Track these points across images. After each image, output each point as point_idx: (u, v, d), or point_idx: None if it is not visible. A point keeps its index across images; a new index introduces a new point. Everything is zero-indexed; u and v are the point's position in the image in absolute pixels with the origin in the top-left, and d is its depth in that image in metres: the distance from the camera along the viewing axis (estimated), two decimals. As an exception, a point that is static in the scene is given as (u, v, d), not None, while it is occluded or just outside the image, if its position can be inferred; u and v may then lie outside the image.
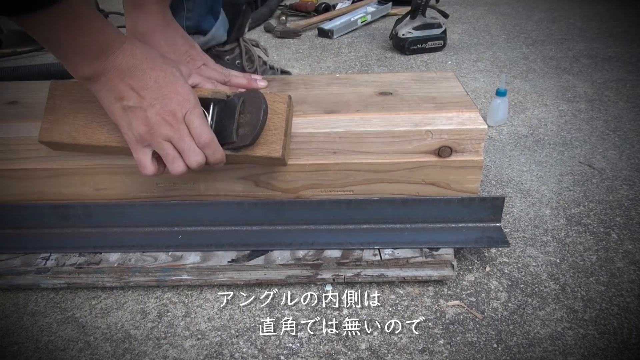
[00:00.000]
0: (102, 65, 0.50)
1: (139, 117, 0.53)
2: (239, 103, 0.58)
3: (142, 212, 0.67)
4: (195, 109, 0.55)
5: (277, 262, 0.63)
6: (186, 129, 0.54)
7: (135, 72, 0.52)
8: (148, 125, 0.53)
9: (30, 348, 0.59)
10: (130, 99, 0.52)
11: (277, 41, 1.68)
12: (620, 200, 0.81)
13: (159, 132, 0.53)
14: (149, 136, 0.54)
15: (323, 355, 0.57)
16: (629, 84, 1.23)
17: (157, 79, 0.53)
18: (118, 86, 0.52)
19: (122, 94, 0.52)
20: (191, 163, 0.55)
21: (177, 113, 0.53)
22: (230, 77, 0.69)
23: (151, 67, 0.53)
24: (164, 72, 0.53)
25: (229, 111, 0.58)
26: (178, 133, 0.54)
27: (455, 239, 0.65)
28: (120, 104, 0.53)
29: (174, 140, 0.54)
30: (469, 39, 1.62)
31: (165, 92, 0.53)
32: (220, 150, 0.57)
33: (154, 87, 0.53)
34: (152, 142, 0.54)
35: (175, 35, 0.67)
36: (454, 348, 0.57)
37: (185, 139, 0.54)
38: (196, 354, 0.57)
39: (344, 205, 0.66)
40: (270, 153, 0.58)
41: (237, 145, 0.57)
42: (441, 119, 0.63)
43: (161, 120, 0.53)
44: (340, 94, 0.70)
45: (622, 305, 0.62)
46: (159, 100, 0.53)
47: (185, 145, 0.54)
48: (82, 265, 0.64)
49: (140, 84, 0.52)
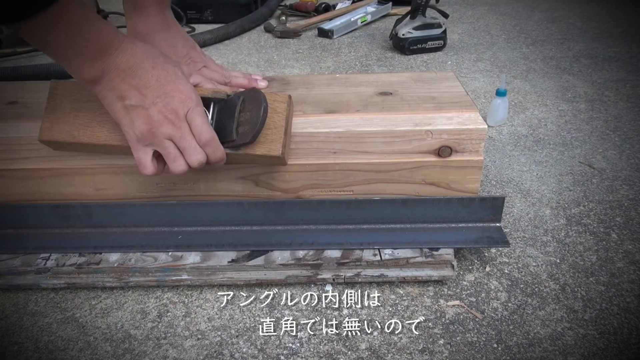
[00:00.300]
0: (102, 66, 0.50)
1: (141, 116, 0.53)
2: (239, 102, 0.58)
3: (142, 212, 0.67)
4: (197, 107, 0.55)
5: (277, 262, 0.63)
6: (188, 127, 0.54)
7: (137, 71, 0.52)
8: (150, 123, 0.53)
9: (30, 348, 0.59)
10: (132, 98, 0.52)
11: (277, 41, 1.68)
12: (620, 200, 0.81)
13: (161, 131, 0.53)
14: (150, 135, 0.54)
15: (323, 355, 0.57)
16: (629, 84, 1.23)
17: (159, 78, 0.53)
18: (119, 85, 0.52)
19: (123, 93, 0.52)
20: (192, 162, 0.55)
21: (179, 111, 0.53)
22: (230, 78, 0.69)
23: (152, 66, 0.53)
24: (165, 71, 0.53)
25: (229, 110, 0.58)
26: (180, 131, 0.54)
27: (455, 239, 0.65)
28: (122, 103, 0.53)
29: (175, 138, 0.54)
30: (469, 39, 1.62)
31: (167, 90, 0.53)
32: (221, 148, 0.57)
33: (155, 85, 0.53)
34: (153, 140, 0.54)
35: (175, 36, 0.67)
36: (454, 348, 0.57)
37: (187, 137, 0.54)
38: (196, 354, 0.57)
39: (344, 205, 0.66)
40: (270, 151, 0.58)
41: (237, 143, 0.57)
42: (441, 119, 0.63)
43: (163, 119, 0.53)
44: (340, 94, 0.70)
45: (622, 305, 0.62)
46: (161, 99, 0.53)
47: (187, 143, 0.54)
48: (82, 265, 0.64)
49: (141, 83, 0.52)
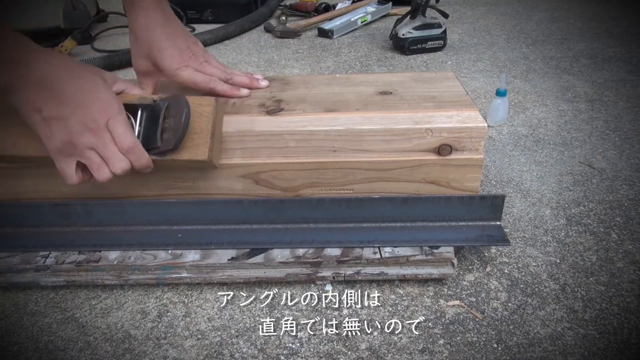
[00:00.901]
0: (15, 78, 0.50)
1: (60, 127, 0.52)
2: (163, 108, 0.58)
3: (141, 210, 0.67)
4: (117, 115, 0.54)
5: (277, 260, 0.63)
6: (109, 136, 0.54)
7: (52, 81, 0.51)
8: (70, 134, 0.52)
9: (30, 348, 0.59)
10: (49, 109, 0.51)
11: (277, 41, 1.68)
12: (620, 200, 0.81)
13: (82, 141, 0.53)
14: (71, 146, 0.53)
15: (323, 355, 0.57)
16: (629, 84, 1.23)
17: (77, 87, 0.52)
18: (34, 97, 0.51)
19: (39, 105, 0.51)
20: (116, 170, 0.55)
21: (99, 120, 0.53)
22: (232, 76, 0.69)
23: (69, 76, 0.52)
24: (83, 80, 0.53)
25: (154, 116, 0.58)
26: (101, 140, 0.54)
27: (455, 237, 0.65)
28: (40, 115, 0.52)
29: (97, 147, 0.54)
30: (469, 39, 1.62)
31: (86, 99, 0.53)
32: (145, 155, 0.56)
33: (74, 95, 0.52)
34: (75, 151, 0.54)
35: (176, 31, 0.67)
36: (454, 348, 0.57)
37: (108, 146, 0.54)
38: (196, 354, 0.57)
39: (344, 203, 0.66)
40: (196, 156, 0.58)
41: (162, 150, 0.57)
42: (441, 117, 0.63)
43: (83, 129, 0.52)
44: (340, 94, 0.70)
45: (622, 305, 0.62)
46: (80, 109, 0.52)
47: (109, 152, 0.54)
48: (81, 263, 0.64)
49: (58, 93, 0.51)
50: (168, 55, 0.65)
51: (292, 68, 1.43)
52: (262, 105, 0.67)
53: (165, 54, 0.65)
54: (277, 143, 0.64)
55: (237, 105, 0.67)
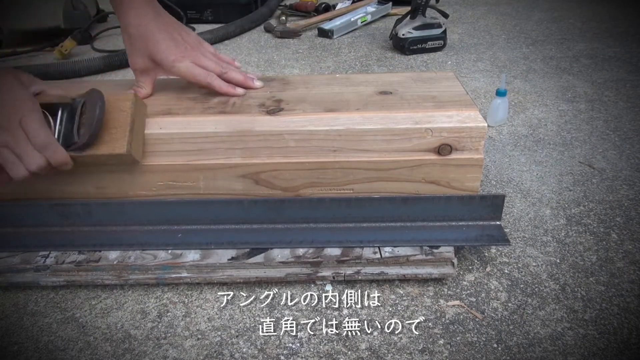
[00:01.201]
0: None
1: None
2: (81, 104, 0.59)
3: (141, 210, 0.67)
4: (31, 113, 0.55)
5: (277, 260, 0.63)
6: (23, 134, 0.54)
7: None
8: None
9: (30, 348, 0.59)
10: None
11: (277, 41, 1.68)
12: (620, 200, 0.81)
13: None
14: None
15: (323, 355, 0.57)
16: (629, 84, 1.23)
17: None
18: None
19: None
20: (31, 166, 0.55)
21: (11, 118, 0.53)
22: (227, 70, 0.69)
23: None
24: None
25: (71, 113, 0.59)
26: (13, 138, 0.54)
27: (455, 237, 0.65)
28: None
29: (10, 145, 0.54)
30: (469, 39, 1.62)
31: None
32: (61, 151, 0.57)
33: None
34: None
35: (168, 22, 0.67)
36: (454, 348, 0.57)
37: (21, 143, 0.54)
38: (196, 354, 0.57)
39: (344, 203, 0.66)
40: (114, 150, 0.59)
41: (79, 144, 0.58)
42: (441, 117, 0.63)
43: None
44: (340, 93, 0.70)
45: (622, 305, 0.62)
46: None
47: (22, 149, 0.54)
48: (81, 262, 0.64)
49: None
50: (164, 47, 0.65)
51: (292, 68, 1.43)
52: (262, 105, 0.67)
53: (161, 46, 0.65)
54: (277, 143, 0.64)
55: (237, 105, 0.67)
